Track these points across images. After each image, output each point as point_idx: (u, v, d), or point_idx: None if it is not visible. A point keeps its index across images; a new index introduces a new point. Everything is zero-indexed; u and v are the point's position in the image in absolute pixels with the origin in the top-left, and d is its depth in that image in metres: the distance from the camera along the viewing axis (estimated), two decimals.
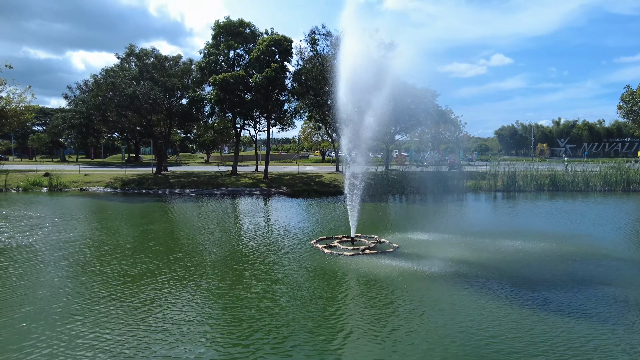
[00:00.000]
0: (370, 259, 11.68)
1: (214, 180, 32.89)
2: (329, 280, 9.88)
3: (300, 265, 11.17)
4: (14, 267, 10.65)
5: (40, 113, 69.21)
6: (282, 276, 10.16)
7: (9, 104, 40.97)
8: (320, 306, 8.29)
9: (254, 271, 10.52)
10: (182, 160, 69.93)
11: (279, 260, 11.64)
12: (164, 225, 16.99)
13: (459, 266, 10.88)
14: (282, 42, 32.06)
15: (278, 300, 8.58)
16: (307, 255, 12.19)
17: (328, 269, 10.77)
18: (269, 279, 9.87)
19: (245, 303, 8.38)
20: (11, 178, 32.50)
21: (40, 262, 11.08)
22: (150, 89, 32.33)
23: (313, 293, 9.03)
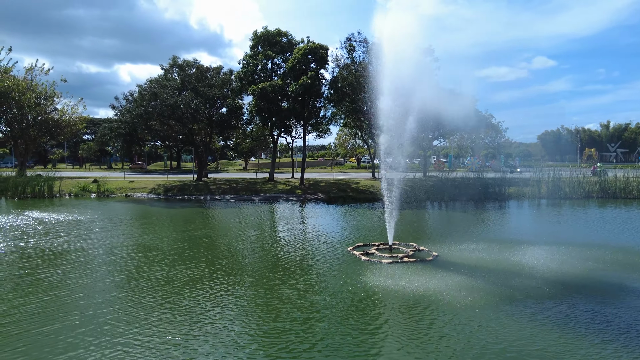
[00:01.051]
0: (409, 267, 11.47)
1: (252, 186, 33.50)
2: (367, 289, 9.65)
3: (338, 272, 11.08)
4: (70, 271, 11.16)
5: (90, 123, 73.04)
6: (320, 284, 10.03)
7: (63, 115, 43.66)
8: (359, 317, 8.04)
9: (291, 279, 10.44)
10: (222, 168, 71.74)
11: (317, 267, 11.63)
12: (205, 231, 17.42)
13: (505, 278, 10.40)
14: (318, 50, 32.37)
15: (317, 310, 8.39)
16: (344, 262, 12.13)
17: (366, 276, 10.62)
18: (307, 288, 9.74)
19: (284, 313, 8.21)
20: (64, 184, 34.47)
21: (93, 267, 11.56)
22: (192, 99, 33.47)
23: (351, 303, 8.79)
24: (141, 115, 34.79)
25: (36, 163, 78.34)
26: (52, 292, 9.23)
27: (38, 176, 37.29)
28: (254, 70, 33.95)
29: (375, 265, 11.69)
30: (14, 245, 13.99)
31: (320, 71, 33.03)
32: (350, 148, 72.81)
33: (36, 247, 13.68)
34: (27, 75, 41.35)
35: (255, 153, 78.34)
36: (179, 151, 73.03)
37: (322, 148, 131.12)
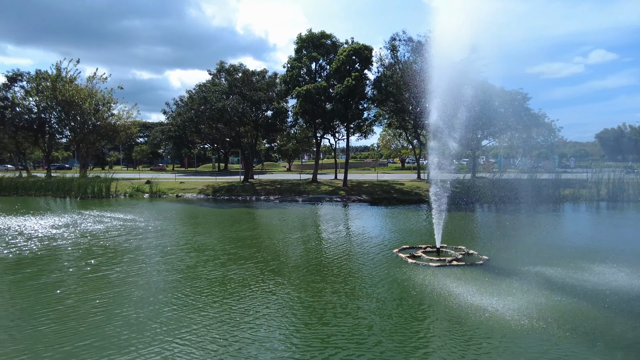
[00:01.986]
0: (458, 271, 11.15)
1: (296, 187, 33.89)
2: (415, 295, 9.37)
3: (384, 275, 10.93)
4: (129, 268, 11.74)
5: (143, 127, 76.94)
6: (366, 288, 9.79)
7: (119, 120, 46.31)
8: (407, 326, 7.72)
9: (336, 282, 10.22)
10: (266, 169, 73.13)
11: (362, 270, 11.50)
12: (252, 232, 17.79)
13: (569, 292, 9.47)
14: (362, 50, 32.25)
15: (363, 317, 8.10)
16: (390, 264, 11.97)
17: (413, 280, 10.40)
18: (352, 292, 9.47)
19: (330, 319, 7.98)
20: (120, 185, 36.52)
21: (151, 265, 12.08)
22: (239, 103, 34.41)
23: (399, 309, 8.49)
24: (191, 119, 36.19)
25: (95, 165, 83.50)
26: (115, 289, 9.67)
27: (97, 177, 39.77)
28: (298, 73, 34.36)
29: (422, 269, 11.45)
30: (80, 242, 14.98)
31: (364, 72, 32.92)
32: (394, 149, 71.89)
33: (99, 245, 14.56)
34: (89, 83, 44.27)
35: (299, 155, 79.23)
36: (227, 153, 75.29)
37: (365, 149, 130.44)
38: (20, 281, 10.34)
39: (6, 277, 10.72)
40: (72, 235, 16.19)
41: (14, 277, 10.73)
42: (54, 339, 7.06)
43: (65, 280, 10.34)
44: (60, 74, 43.07)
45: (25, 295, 9.23)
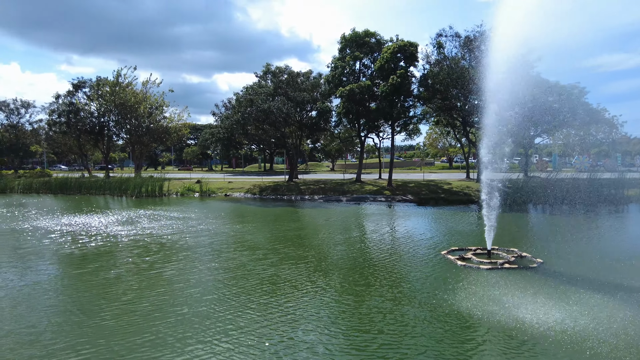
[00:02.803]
0: (511, 275, 10.67)
1: (339, 187, 33.90)
2: (464, 298, 8.97)
3: (432, 277, 10.64)
4: (184, 265, 12.17)
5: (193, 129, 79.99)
6: (412, 291, 9.51)
7: (171, 122, 48.45)
8: (455, 332, 7.34)
9: (381, 285, 9.94)
10: (310, 169, 73.70)
11: (408, 272, 11.24)
12: (297, 232, 17.97)
13: (632, 299, 8.81)
14: (408, 47, 31.70)
15: (407, 323, 7.71)
16: (438, 266, 11.66)
17: (462, 284, 10.02)
18: (397, 296, 9.16)
19: (374, 325, 7.62)
20: (172, 185, 38.18)
21: (203, 263, 12.48)
22: (284, 104, 34.92)
23: (446, 316, 8.04)
24: (238, 121, 37.16)
25: (148, 166, 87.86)
26: (170, 286, 9.96)
27: (150, 177, 41.86)
28: (342, 73, 34.33)
29: (472, 272, 11.06)
30: (138, 240, 15.82)
31: (410, 69, 32.35)
32: (441, 147, 70.07)
33: (156, 242, 15.29)
34: (143, 88, 46.68)
35: (342, 154, 79.19)
36: (272, 154, 76.70)
37: (410, 148, 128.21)
38: (85, 276, 11.00)
39: (73, 272, 11.49)
40: (131, 233, 17.11)
41: (78, 271, 11.47)
42: (114, 333, 7.34)
43: (125, 277, 10.86)
44: (119, 80, 45.74)
45: (89, 290, 9.78)
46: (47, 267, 11.80)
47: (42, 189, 40.61)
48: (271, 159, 78.78)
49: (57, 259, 12.83)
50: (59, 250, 13.93)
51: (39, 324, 7.75)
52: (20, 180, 43.45)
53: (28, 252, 13.69)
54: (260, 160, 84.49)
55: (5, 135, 58.15)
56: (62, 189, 40.04)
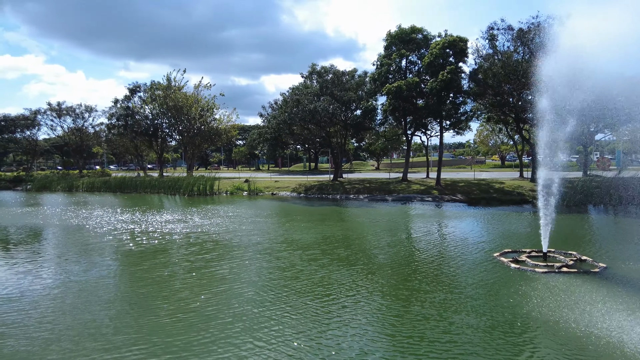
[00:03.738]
0: (569, 279, 10.04)
1: (385, 186, 33.48)
2: (519, 305, 8.44)
3: (483, 281, 10.18)
4: (235, 265, 12.41)
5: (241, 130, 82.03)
6: (463, 296, 9.04)
7: (220, 124, 49.99)
8: (509, 342, 6.89)
9: (429, 290, 9.57)
10: (355, 168, 73.40)
11: (458, 275, 10.86)
12: (342, 231, 17.92)
13: None
14: (457, 42, 30.73)
15: (458, 332, 7.21)
16: (489, 269, 11.17)
17: (517, 288, 9.51)
18: (446, 301, 8.74)
19: (421, 334, 7.21)
20: (222, 184, 39.41)
21: (253, 262, 12.71)
22: (329, 104, 35.01)
23: (499, 324, 7.53)
24: (285, 121, 37.70)
25: (199, 166, 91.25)
26: (224, 285, 10.06)
27: (202, 177, 43.43)
28: (388, 70, 33.87)
29: (527, 275, 10.52)
30: (192, 237, 16.47)
31: (460, 65, 31.35)
32: (493, 145, 67.31)
33: (209, 240, 15.83)
34: (195, 91, 48.52)
35: (388, 153, 78.17)
36: (317, 153, 77.20)
37: (459, 146, 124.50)
38: (142, 272, 11.54)
39: (131, 268, 12.13)
40: (186, 231, 17.83)
41: (136, 268, 12.09)
42: (168, 330, 7.46)
43: (180, 274, 11.17)
44: (170, 83, 47.89)
45: (146, 286, 10.16)
46: (107, 263, 12.46)
47: (103, 188, 43.33)
48: (316, 158, 79.29)
49: (117, 255, 13.58)
50: (119, 246, 14.75)
51: (99, 317, 8.09)
52: (84, 180, 46.64)
53: (91, 247, 14.63)
54: (305, 159, 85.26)
55: (72, 138, 62.57)
56: (120, 187, 42.51)
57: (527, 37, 28.98)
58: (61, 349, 6.80)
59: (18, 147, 68.84)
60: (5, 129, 62.19)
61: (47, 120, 62.00)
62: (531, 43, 28.99)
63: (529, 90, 29.98)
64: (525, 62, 28.78)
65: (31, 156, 72.37)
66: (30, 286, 10.07)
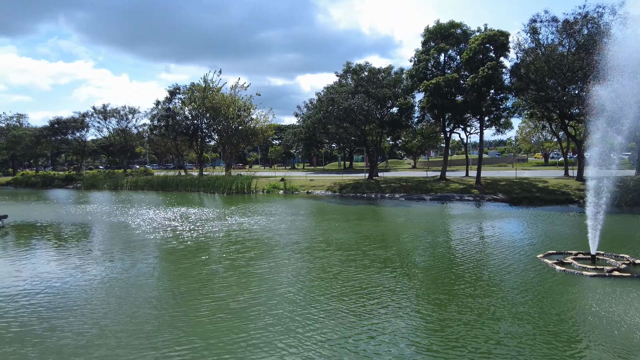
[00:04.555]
0: (621, 284, 9.46)
1: (422, 185, 32.89)
2: (566, 311, 8.00)
3: (526, 284, 9.73)
4: (274, 266, 12.42)
5: (277, 130, 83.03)
6: (504, 302, 8.56)
7: (257, 124, 50.79)
8: (554, 351, 6.51)
9: (469, 291, 9.28)
10: (390, 166, 72.59)
11: (499, 277, 10.47)
12: (379, 230, 17.76)
13: None
14: (498, 37, 29.71)
15: (499, 341, 6.80)
16: (533, 272, 10.70)
17: (563, 292, 9.06)
18: (487, 307, 8.31)
19: (461, 343, 6.83)
20: (259, 183, 40.07)
21: (289, 263, 12.80)
22: (364, 101, 34.77)
23: (544, 333, 7.06)
24: (319, 120, 37.81)
25: (237, 165, 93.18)
26: (264, 285, 9.99)
27: (239, 175, 44.36)
28: (426, 67, 33.23)
29: (574, 279, 10.02)
30: (232, 236, 16.85)
31: (500, 59, 30.33)
32: (535, 142, 64.64)
33: (249, 238, 16.11)
34: (232, 92, 49.56)
35: (425, 151, 76.75)
36: (352, 152, 76.94)
37: (500, 143, 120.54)
38: (184, 270, 11.79)
39: (173, 266, 12.51)
40: (226, 229, 18.24)
41: (178, 265, 12.44)
42: (209, 331, 7.45)
43: (220, 272, 11.23)
44: (208, 84, 49.16)
45: (187, 284, 10.31)
46: (150, 260, 12.87)
47: (146, 186, 45.11)
48: (351, 157, 79.04)
49: (159, 252, 14.04)
50: (162, 244, 15.26)
51: (141, 314, 8.24)
52: (128, 179, 48.74)
53: (135, 245, 15.24)
54: (339, 158, 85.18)
55: (117, 139, 65.65)
56: (162, 186, 44.12)
57: (573, 28, 27.61)
58: (106, 345, 6.94)
59: (69, 147, 73.04)
60: (58, 131, 66.11)
61: (94, 122, 65.50)
62: (578, 35, 27.60)
63: (575, 85, 28.58)
64: (572, 54, 27.43)
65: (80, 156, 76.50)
66: (77, 282, 10.47)
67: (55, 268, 11.87)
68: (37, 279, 10.77)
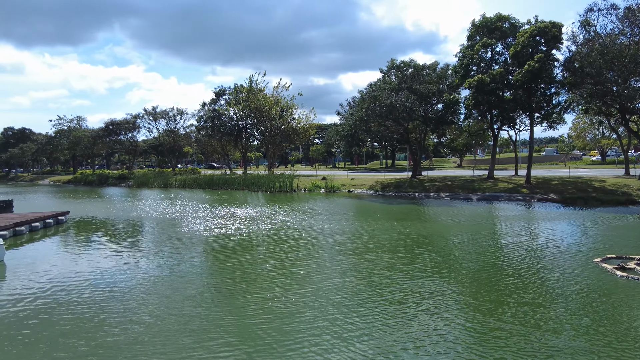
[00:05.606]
0: None
1: (468, 184, 31.90)
2: (628, 319, 7.46)
3: (582, 291, 9.15)
4: (321, 267, 12.01)
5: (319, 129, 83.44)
6: (558, 311, 8.03)
7: (299, 123, 51.33)
8: None
9: (519, 299, 8.80)
10: (434, 165, 70.98)
11: (553, 281, 9.97)
12: (424, 231, 17.43)
13: None
14: (549, 28, 28.22)
15: (553, 355, 6.27)
16: (590, 277, 10.07)
17: (625, 301, 8.45)
18: (541, 311, 7.90)
19: (507, 354, 6.33)
20: (300, 181, 40.47)
21: (335, 263, 12.88)
22: (407, 98, 34.19)
23: (604, 340, 6.62)
24: (361, 118, 37.59)
25: (279, 164, 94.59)
26: (311, 286, 9.81)
27: (282, 174, 45.03)
28: (471, 62, 32.15)
29: (637, 286, 9.36)
30: (281, 235, 17.13)
31: (552, 53, 28.80)
32: (591, 139, 60.92)
33: (297, 238, 16.32)
34: (274, 92, 50.37)
35: (471, 149, 74.39)
36: (394, 150, 75.97)
37: (551, 141, 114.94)
38: (231, 268, 12.01)
39: (221, 264, 12.85)
40: (272, 227, 18.59)
41: (226, 264, 12.75)
42: (254, 332, 7.32)
43: (267, 272, 11.28)
44: (252, 85, 50.23)
45: (235, 283, 10.43)
46: (198, 258, 13.24)
47: (193, 185, 46.81)
48: (393, 155, 78.03)
49: (207, 250, 14.47)
50: (209, 242, 15.74)
51: (187, 311, 8.30)
52: (176, 177, 50.78)
53: (183, 242, 15.84)
54: (381, 157, 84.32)
55: (166, 139, 68.58)
56: (209, 184, 45.61)
57: (636, 16, 25.72)
58: (152, 343, 6.96)
59: (122, 147, 77.22)
60: (112, 132, 70.09)
61: (145, 123, 68.84)
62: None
63: (638, 77, 26.68)
64: (635, 44, 25.58)
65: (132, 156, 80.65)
66: (127, 278, 10.80)
67: (108, 263, 12.44)
68: (91, 273, 11.31)
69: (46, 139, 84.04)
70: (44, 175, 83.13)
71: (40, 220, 19.01)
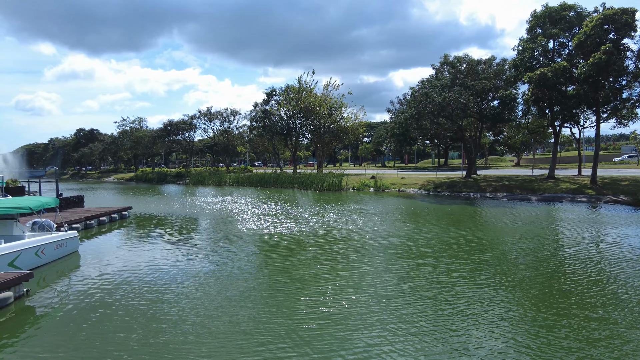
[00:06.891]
0: None
1: (527, 184, 30.32)
2: None
3: None
4: (371, 269, 11.95)
5: (368, 127, 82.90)
6: (628, 323, 7.59)
7: (348, 122, 51.25)
8: None
9: (587, 307, 8.32)
10: (491, 164, 68.12)
11: (622, 292, 9.23)
12: (481, 236, 16.77)
13: None
14: (620, 15, 26.11)
15: None
16: None
17: None
18: (606, 326, 7.31)
19: None
20: (349, 180, 40.39)
21: (389, 266, 12.74)
22: (460, 95, 33.04)
23: None
24: (412, 115, 36.87)
25: (328, 162, 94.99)
26: (364, 290, 9.62)
27: (330, 173, 45.20)
28: (532, 55, 30.50)
29: None
30: (332, 235, 17.23)
31: (624, 42, 26.61)
32: None
33: (351, 239, 16.32)
34: (324, 91, 50.64)
35: (530, 147, 70.60)
36: (447, 148, 73.83)
37: (620, 138, 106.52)
38: (284, 269, 12.17)
39: (273, 264, 13.04)
40: (325, 226, 18.75)
41: (279, 264, 12.92)
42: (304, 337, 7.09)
43: (322, 273, 11.11)
44: (302, 85, 50.81)
45: (286, 284, 10.56)
46: (252, 257, 13.40)
47: (246, 183, 48.24)
48: (445, 153, 75.77)
49: (260, 248, 14.73)
50: (263, 240, 16.07)
51: (238, 312, 8.25)
52: (230, 176, 52.58)
53: (237, 239, 16.30)
54: (433, 155, 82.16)
55: (220, 139, 71.16)
56: (261, 182, 46.79)
57: None
58: (205, 344, 6.90)
59: (179, 147, 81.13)
60: (171, 132, 73.78)
61: (200, 123, 71.86)
62: None
63: None
64: None
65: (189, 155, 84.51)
66: (182, 275, 11.02)
67: (165, 259, 12.88)
68: (148, 268, 11.71)
69: (111, 139, 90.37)
70: (109, 173, 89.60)
71: (106, 214, 20.49)
